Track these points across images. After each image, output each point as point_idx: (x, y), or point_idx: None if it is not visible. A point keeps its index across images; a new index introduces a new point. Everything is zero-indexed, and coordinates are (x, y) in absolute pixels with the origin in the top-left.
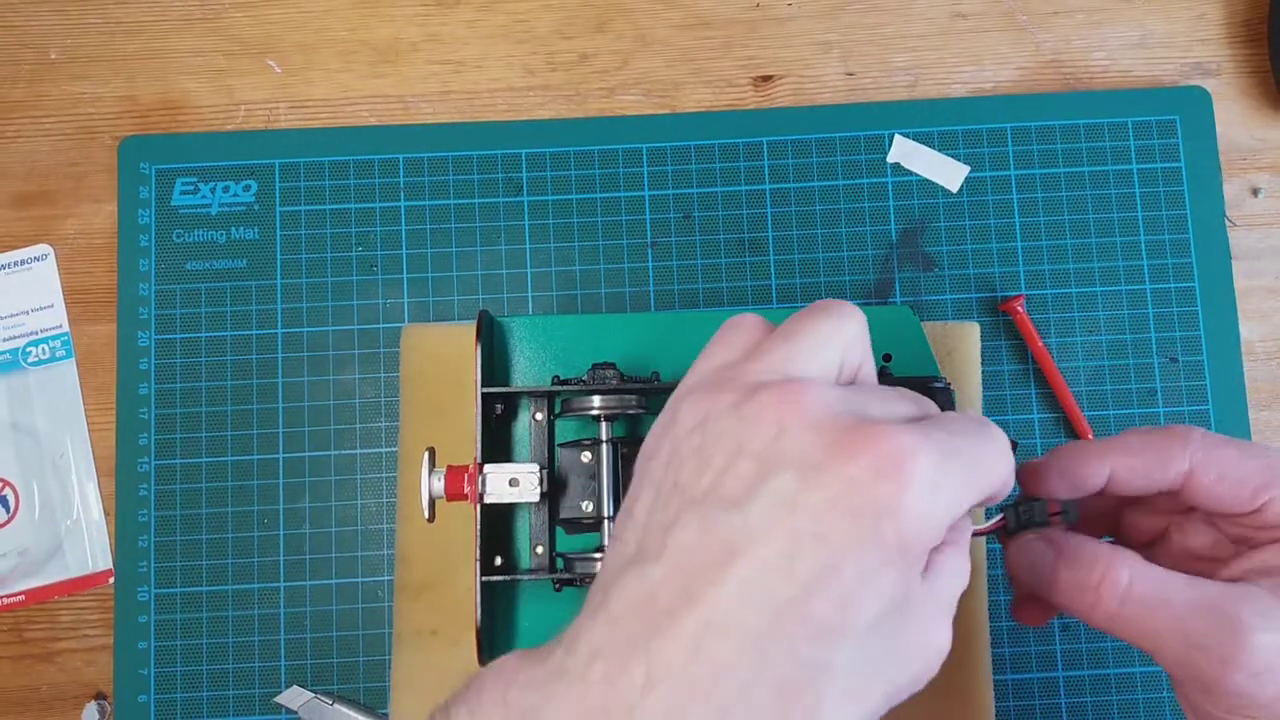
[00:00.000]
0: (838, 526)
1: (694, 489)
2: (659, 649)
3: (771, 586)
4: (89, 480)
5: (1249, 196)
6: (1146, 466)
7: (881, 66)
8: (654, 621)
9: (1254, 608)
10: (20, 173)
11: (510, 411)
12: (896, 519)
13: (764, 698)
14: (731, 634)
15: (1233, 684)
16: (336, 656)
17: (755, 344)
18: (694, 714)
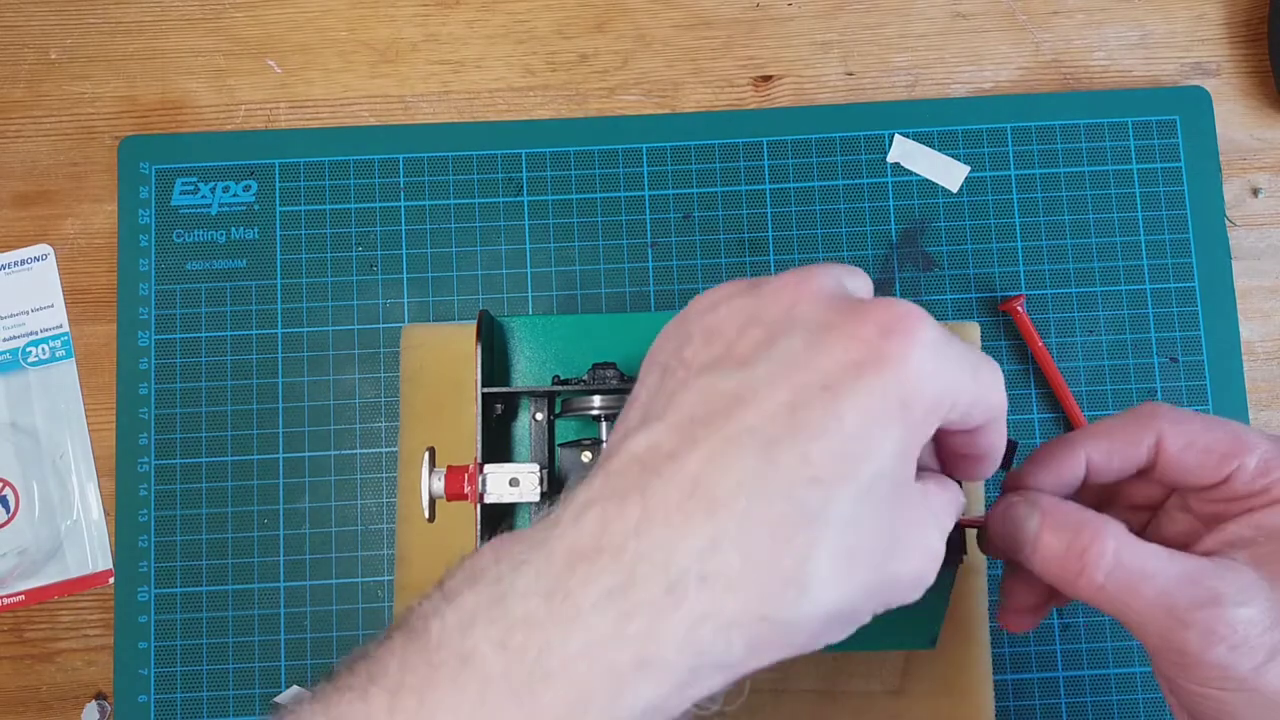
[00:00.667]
0: (843, 378)
1: (702, 359)
2: (655, 488)
3: (774, 431)
4: (89, 480)
5: (1249, 196)
6: (1119, 446)
7: (881, 66)
8: (654, 465)
9: (1231, 580)
10: (20, 173)
11: (510, 411)
12: (901, 371)
13: (757, 535)
14: (731, 471)
15: (1213, 656)
16: (336, 656)
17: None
18: (683, 550)
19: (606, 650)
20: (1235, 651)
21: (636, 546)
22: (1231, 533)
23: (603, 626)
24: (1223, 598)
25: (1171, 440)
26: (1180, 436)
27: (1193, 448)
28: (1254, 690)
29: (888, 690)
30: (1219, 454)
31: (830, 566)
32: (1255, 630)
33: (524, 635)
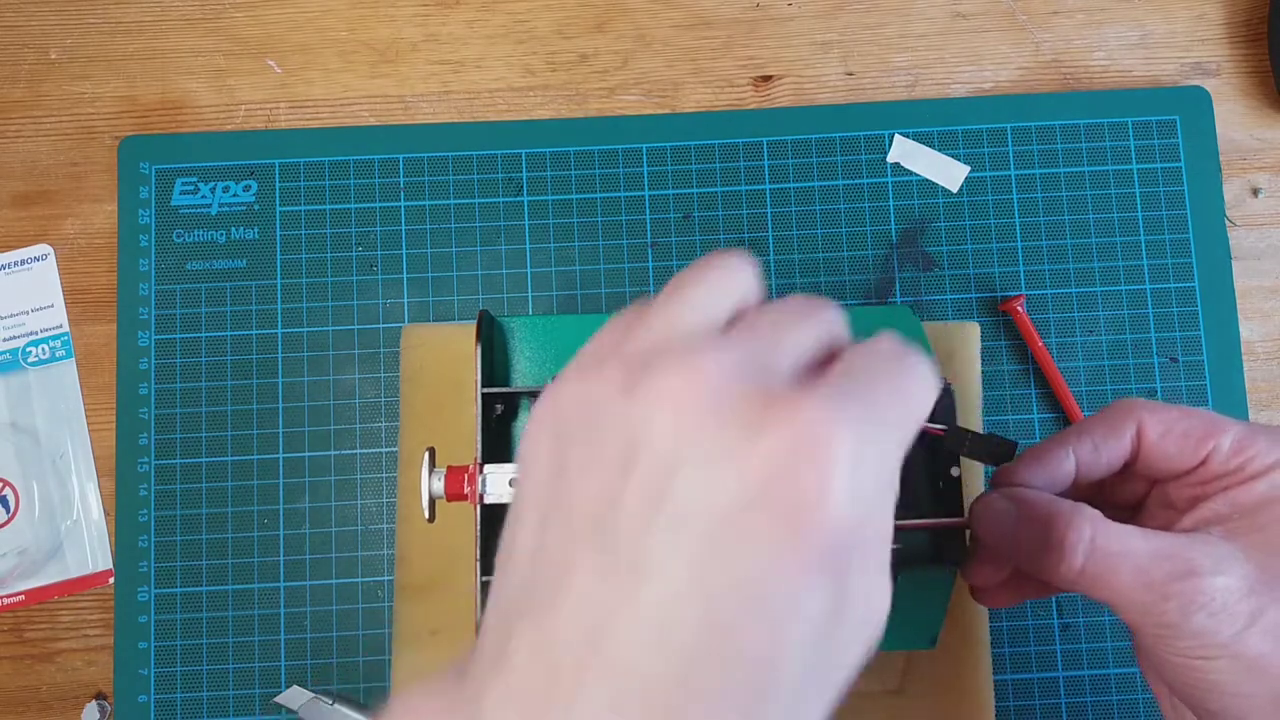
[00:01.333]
0: (756, 537)
1: (584, 509)
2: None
3: (687, 627)
4: (89, 480)
5: (1249, 196)
6: (1103, 439)
7: (881, 66)
8: (559, 687)
9: (1207, 552)
10: (20, 173)
11: (510, 412)
12: (821, 515)
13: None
14: (651, 690)
15: (1194, 624)
16: (336, 656)
17: (639, 314)
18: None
19: None
20: (1215, 618)
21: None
22: (1208, 510)
23: None
24: (1199, 568)
25: (1151, 428)
26: (1158, 424)
27: (1171, 434)
28: (1235, 656)
29: (888, 690)
30: (1195, 438)
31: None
32: (1233, 597)
33: None
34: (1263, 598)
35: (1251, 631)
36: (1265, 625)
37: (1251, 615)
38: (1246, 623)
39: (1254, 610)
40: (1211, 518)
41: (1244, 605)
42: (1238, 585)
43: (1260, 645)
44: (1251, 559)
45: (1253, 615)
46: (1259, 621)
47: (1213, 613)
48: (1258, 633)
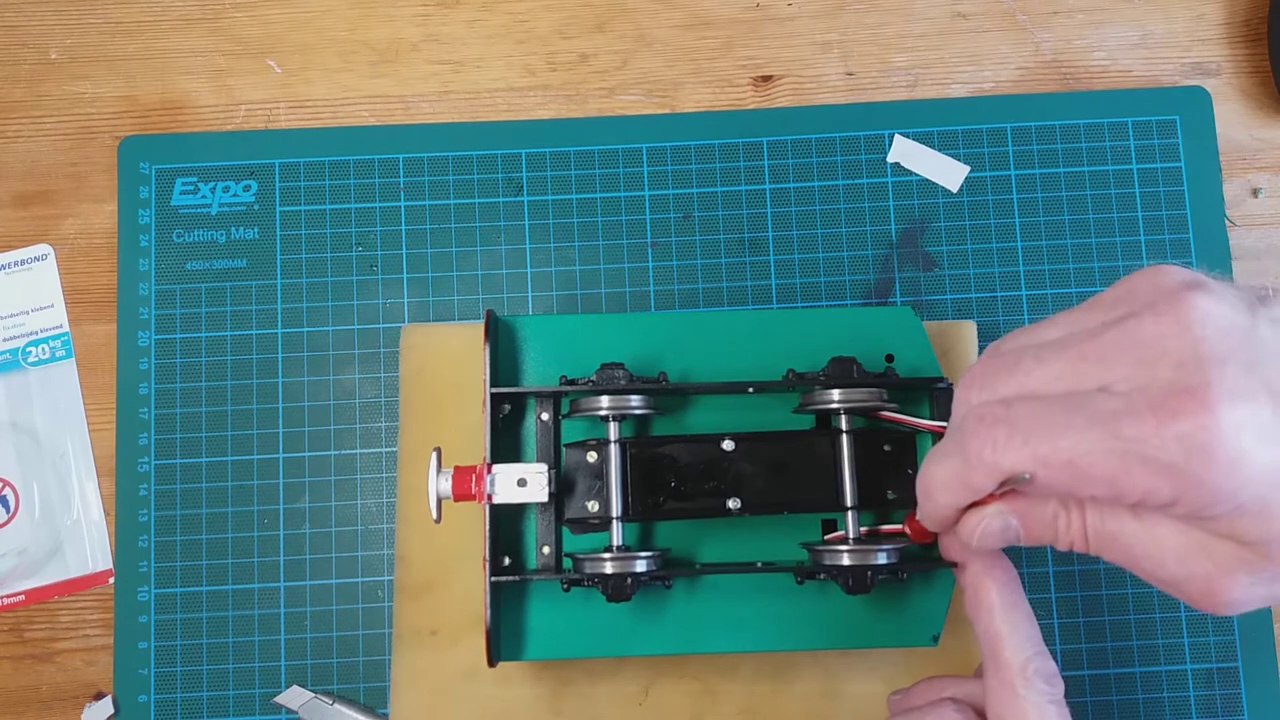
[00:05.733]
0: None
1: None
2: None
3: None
4: (89, 480)
5: (1249, 196)
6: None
7: (881, 66)
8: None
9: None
10: (20, 173)
11: (516, 412)
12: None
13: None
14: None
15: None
16: (336, 656)
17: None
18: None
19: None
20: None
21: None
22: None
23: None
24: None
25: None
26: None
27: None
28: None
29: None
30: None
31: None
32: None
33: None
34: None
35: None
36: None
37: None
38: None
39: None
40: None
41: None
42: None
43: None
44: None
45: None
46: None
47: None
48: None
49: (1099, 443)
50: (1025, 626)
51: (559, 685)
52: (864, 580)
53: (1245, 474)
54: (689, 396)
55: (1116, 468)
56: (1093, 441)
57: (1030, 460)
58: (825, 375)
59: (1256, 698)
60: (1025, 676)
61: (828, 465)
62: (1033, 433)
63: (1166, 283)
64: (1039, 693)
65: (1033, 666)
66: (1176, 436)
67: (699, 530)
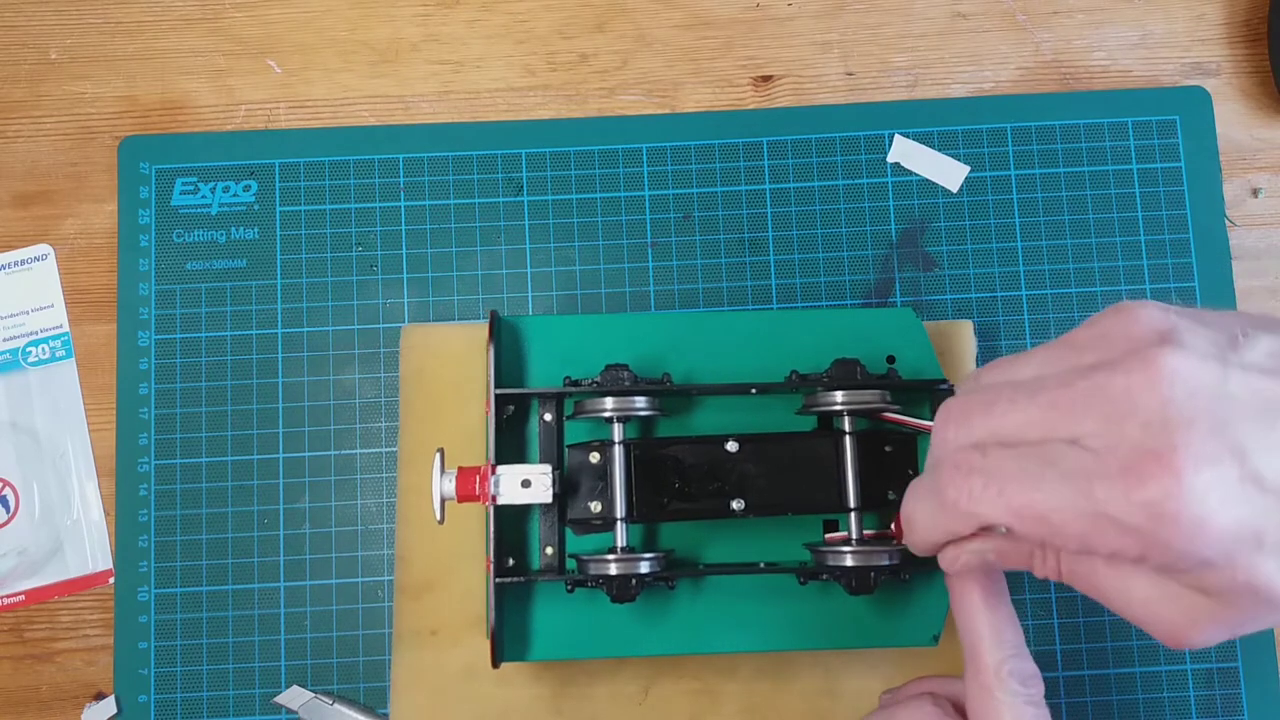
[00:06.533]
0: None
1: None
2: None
3: None
4: (89, 480)
5: (1249, 196)
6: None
7: (881, 66)
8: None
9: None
10: (20, 173)
11: (519, 412)
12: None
13: None
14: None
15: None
16: (336, 656)
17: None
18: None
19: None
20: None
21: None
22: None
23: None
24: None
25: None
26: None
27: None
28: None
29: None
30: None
31: None
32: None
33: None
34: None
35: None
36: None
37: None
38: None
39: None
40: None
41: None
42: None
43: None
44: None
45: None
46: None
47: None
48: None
49: (1071, 501)
50: (1006, 628)
51: (559, 685)
52: (867, 581)
53: (1210, 535)
54: (692, 398)
55: (1088, 527)
56: (1065, 499)
57: (1004, 513)
58: (828, 377)
59: (1256, 698)
60: (1000, 676)
61: (831, 466)
62: (1006, 484)
63: (1138, 334)
64: (1012, 693)
65: (1007, 667)
66: (1144, 502)
67: (703, 531)
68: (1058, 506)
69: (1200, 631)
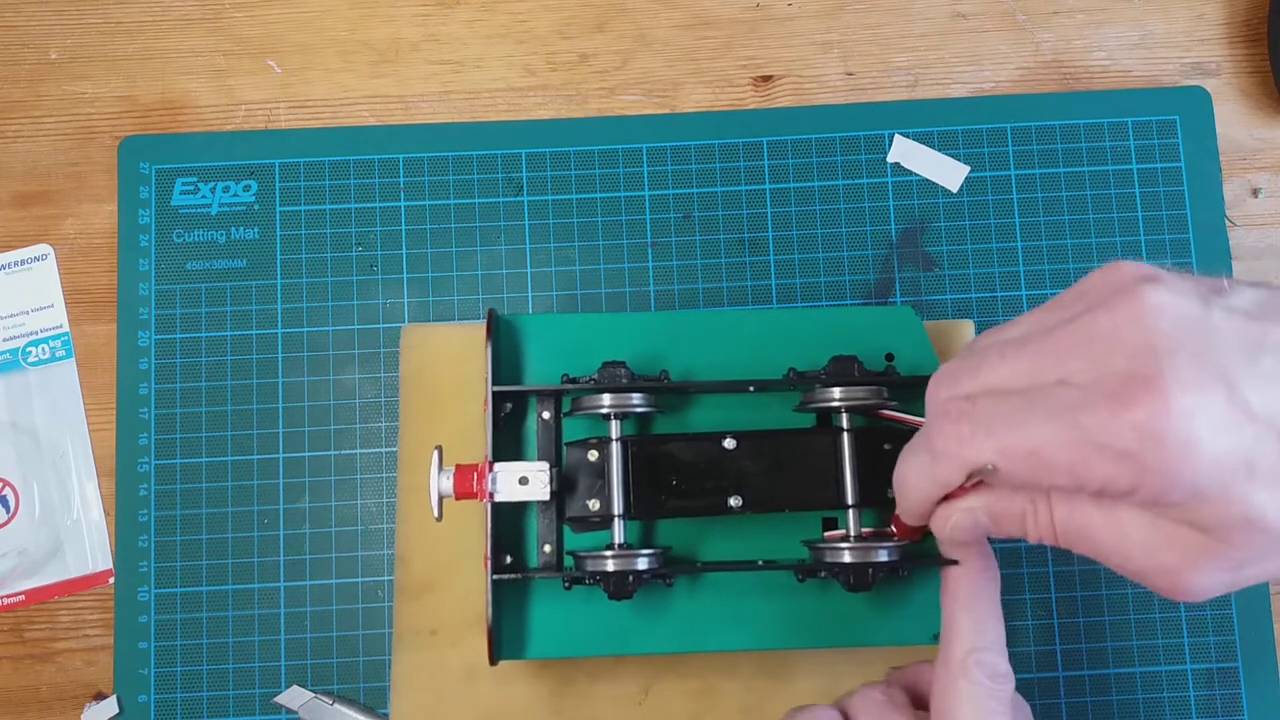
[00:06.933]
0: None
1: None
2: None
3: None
4: (89, 480)
5: (1249, 196)
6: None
7: (881, 66)
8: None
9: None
10: (20, 173)
11: (518, 410)
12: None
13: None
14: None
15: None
16: (336, 656)
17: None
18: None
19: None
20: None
21: None
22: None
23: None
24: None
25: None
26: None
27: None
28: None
29: None
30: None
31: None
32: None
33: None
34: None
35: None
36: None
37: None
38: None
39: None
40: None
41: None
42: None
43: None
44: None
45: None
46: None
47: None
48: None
49: (1058, 433)
50: (987, 623)
51: (559, 685)
52: (865, 577)
53: (1200, 460)
54: (690, 395)
55: (1075, 456)
56: (1052, 432)
57: (993, 452)
58: (826, 374)
59: (1256, 698)
60: (966, 665)
61: (829, 463)
62: (994, 425)
63: (1120, 277)
64: (975, 683)
65: (975, 658)
66: (1131, 424)
67: (700, 528)
68: (1045, 440)
69: (1200, 573)
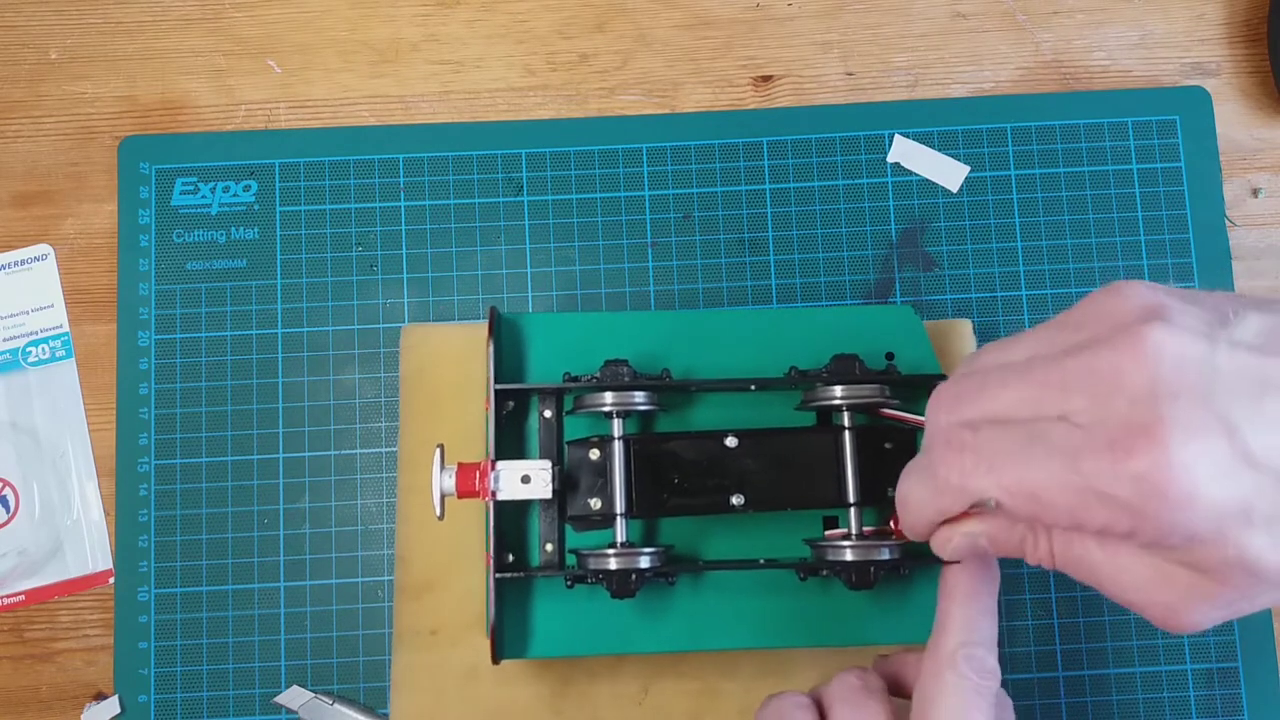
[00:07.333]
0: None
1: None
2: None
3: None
4: (89, 480)
5: (1249, 196)
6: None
7: (881, 66)
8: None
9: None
10: (20, 173)
11: (519, 409)
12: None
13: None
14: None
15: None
16: (336, 656)
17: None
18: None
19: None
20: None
21: None
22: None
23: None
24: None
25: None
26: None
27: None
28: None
29: None
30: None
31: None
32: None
33: None
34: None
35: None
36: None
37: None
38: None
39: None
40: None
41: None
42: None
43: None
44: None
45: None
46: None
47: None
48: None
49: (1059, 475)
50: (980, 619)
51: (559, 685)
52: (867, 575)
53: (1199, 509)
54: (691, 394)
55: (1076, 502)
56: (1053, 474)
57: (995, 488)
58: (828, 372)
59: (1256, 698)
60: (954, 658)
61: (831, 462)
62: (997, 460)
63: (1126, 309)
64: (962, 676)
65: (965, 652)
66: (1131, 475)
67: (702, 527)
68: (1047, 482)
69: (1194, 611)
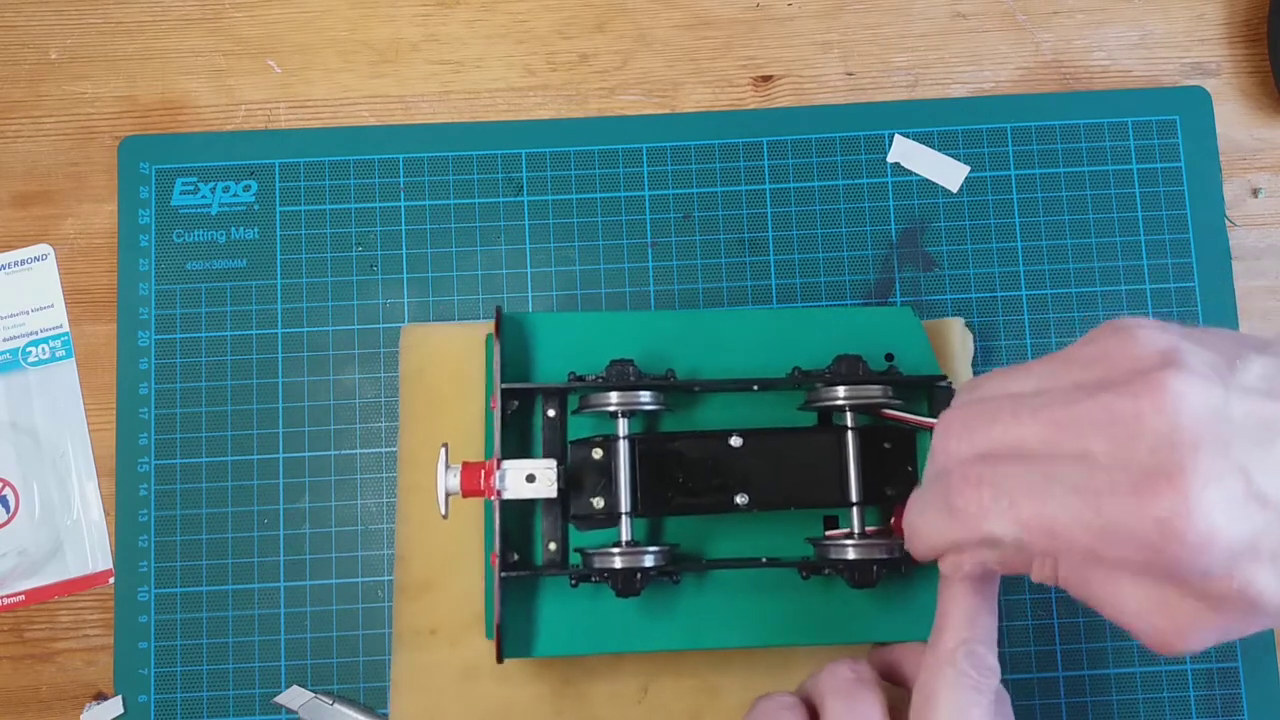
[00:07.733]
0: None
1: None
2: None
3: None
4: (89, 480)
5: (1249, 196)
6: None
7: (881, 66)
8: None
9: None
10: (20, 173)
11: (523, 408)
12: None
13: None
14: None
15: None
16: (336, 656)
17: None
18: None
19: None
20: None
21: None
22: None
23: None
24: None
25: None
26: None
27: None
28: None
29: None
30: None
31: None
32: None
33: None
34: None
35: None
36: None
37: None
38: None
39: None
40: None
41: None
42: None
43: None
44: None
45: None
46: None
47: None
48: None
49: (1079, 514)
50: (981, 617)
51: (559, 684)
52: (869, 573)
53: (1215, 549)
54: (695, 394)
55: (1095, 540)
56: (1073, 512)
57: (1013, 525)
58: (831, 373)
59: (1256, 698)
60: (955, 655)
61: (833, 462)
62: (1017, 496)
63: (1142, 355)
64: (962, 672)
65: (964, 649)
66: (1154, 517)
67: (705, 526)
68: (1067, 520)
69: (1190, 637)
